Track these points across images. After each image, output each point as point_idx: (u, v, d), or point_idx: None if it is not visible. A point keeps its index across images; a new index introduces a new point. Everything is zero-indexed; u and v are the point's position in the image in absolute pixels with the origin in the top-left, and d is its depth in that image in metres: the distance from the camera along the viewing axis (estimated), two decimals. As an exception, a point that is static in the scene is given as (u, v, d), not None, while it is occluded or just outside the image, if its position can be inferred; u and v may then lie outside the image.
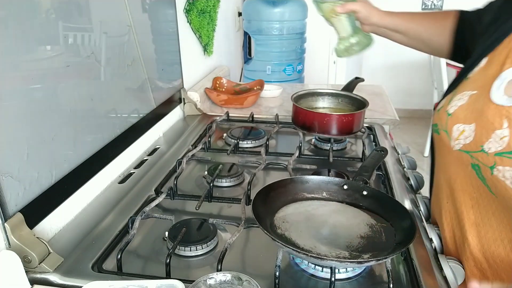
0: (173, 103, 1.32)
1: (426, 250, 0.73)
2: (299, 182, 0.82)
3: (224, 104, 1.48)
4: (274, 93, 1.61)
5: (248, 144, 1.16)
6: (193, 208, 0.83)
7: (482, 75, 0.68)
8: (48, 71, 0.74)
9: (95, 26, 0.87)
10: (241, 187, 0.95)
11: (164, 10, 1.22)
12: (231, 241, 0.70)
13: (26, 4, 0.68)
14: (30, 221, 0.68)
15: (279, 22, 2.03)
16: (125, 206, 0.85)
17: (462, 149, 0.66)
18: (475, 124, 0.64)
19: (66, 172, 0.79)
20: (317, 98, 1.25)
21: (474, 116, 0.65)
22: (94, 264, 0.68)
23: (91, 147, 0.87)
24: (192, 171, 1.03)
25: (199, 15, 1.49)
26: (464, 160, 0.66)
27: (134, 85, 1.06)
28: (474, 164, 0.64)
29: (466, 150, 0.65)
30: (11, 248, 0.64)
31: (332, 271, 0.62)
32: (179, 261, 0.71)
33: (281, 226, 0.72)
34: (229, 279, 0.56)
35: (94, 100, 0.88)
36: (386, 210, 0.76)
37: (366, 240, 0.70)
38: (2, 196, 0.63)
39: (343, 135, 1.13)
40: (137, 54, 1.05)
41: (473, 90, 0.68)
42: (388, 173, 0.99)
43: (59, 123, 0.77)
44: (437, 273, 0.68)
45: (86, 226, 0.79)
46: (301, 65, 2.17)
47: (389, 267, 0.63)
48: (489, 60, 0.68)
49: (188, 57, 1.43)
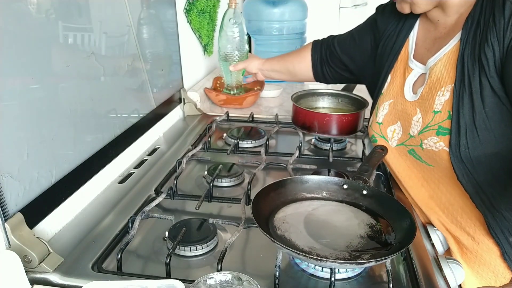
0: (173, 103, 1.32)
1: (426, 250, 0.73)
2: (299, 182, 0.82)
3: (223, 104, 1.48)
4: (274, 93, 1.61)
5: (248, 144, 1.16)
6: (193, 208, 0.83)
7: (392, 88, 0.89)
8: (48, 71, 0.74)
9: (95, 26, 0.87)
10: (241, 187, 0.95)
11: (164, 10, 1.22)
12: (231, 241, 0.70)
13: (26, 4, 0.68)
14: (30, 221, 0.68)
15: (279, 22, 2.03)
16: (125, 206, 0.85)
17: (398, 143, 0.87)
18: (399, 121, 0.86)
19: (66, 172, 0.79)
20: (317, 98, 1.25)
21: (397, 116, 0.87)
22: (94, 264, 0.68)
23: (91, 147, 0.87)
24: (192, 171, 1.03)
25: (199, 15, 1.49)
26: (402, 151, 0.86)
27: (134, 85, 1.06)
28: (410, 150, 0.84)
29: (400, 143, 0.86)
30: (11, 248, 0.64)
31: (332, 271, 0.62)
32: (179, 261, 0.71)
33: (281, 227, 0.72)
34: (229, 279, 0.56)
35: (94, 100, 0.87)
36: (386, 210, 0.76)
37: (366, 240, 0.70)
38: (2, 196, 0.63)
39: (343, 135, 1.13)
40: (137, 54, 1.05)
41: (390, 99, 0.90)
42: (388, 173, 0.99)
43: (59, 123, 0.77)
44: (437, 273, 0.68)
45: (86, 226, 0.79)
46: (301, 65, 2.16)
47: (389, 267, 0.64)
48: (392, 76, 0.90)
49: (188, 57, 1.43)
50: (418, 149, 0.81)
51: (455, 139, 0.73)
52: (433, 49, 0.82)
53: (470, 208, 0.77)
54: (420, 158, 0.82)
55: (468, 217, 0.79)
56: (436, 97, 0.77)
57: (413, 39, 0.87)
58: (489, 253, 0.77)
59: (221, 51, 1.39)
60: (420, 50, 0.86)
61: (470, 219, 0.78)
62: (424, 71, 0.83)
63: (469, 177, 0.74)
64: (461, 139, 0.72)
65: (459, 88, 0.73)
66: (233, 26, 1.35)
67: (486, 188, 0.73)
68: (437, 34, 0.82)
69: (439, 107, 0.76)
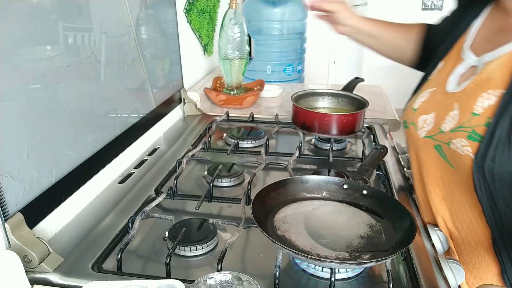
0: (173, 103, 1.32)
1: (426, 250, 0.73)
2: (299, 182, 0.82)
3: (223, 104, 1.48)
4: (274, 93, 1.61)
5: (248, 144, 1.16)
6: (193, 208, 0.83)
7: (439, 75, 0.82)
8: (48, 71, 0.74)
9: (95, 26, 0.87)
10: (241, 187, 0.95)
11: (164, 10, 1.22)
12: (231, 241, 0.70)
13: (26, 4, 0.68)
14: (30, 221, 0.68)
15: (279, 22, 2.03)
16: (125, 206, 0.85)
17: (426, 135, 0.80)
18: (434, 113, 0.79)
19: (66, 172, 0.79)
20: (317, 98, 1.25)
21: (434, 106, 0.80)
22: (94, 264, 0.68)
23: (91, 147, 0.87)
24: (192, 171, 1.03)
25: (199, 15, 1.49)
26: (428, 144, 0.79)
27: (134, 85, 1.06)
28: (436, 145, 0.77)
29: (429, 136, 0.79)
30: (11, 248, 0.64)
31: (332, 271, 0.62)
32: (179, 261, 0.71)
33: (281, 227, 0.72)
34: (229, 279, 0.56)
35: (94, 100, 0.87)
36: (386, 209, 0.76)
37: (366, 240, 0.70)
38: (2, 196, 0.63)
39: (343, 135, 1.13)
40: (137, 54, 1.05)
41: (432, 87, 0.82)
42: (388, 173, 0.99)
43: (59, 123, 0.77)
44: (437, 273, 0.68)
45: (86, 226, 0.79)
46: (301, 65, 2.16)
47: (389, 267, 0.64)
48: (445, 63, 0.83)
49: (188, 57, 1.43)
50: (445, 147, 0.75)
51: (483, 148, 0.67)
52: (494, 41, 0.74)
53: (479, 220, 0.73)
54: (445, 156, 0.76)
55: (475, 229, 0.75)
56: (480, 98, 0.70)
57: (476, 27, 0.80)
58: (486, 270, 0.75)
59: (222, 51, 1.39)
60: (479, 40, 0.78)
61: (476, 232, 0.75)
62: (475, 64, 0.75)
63: (486, 191, 0.69)
64: (489, 150, 0.67)
65: (509, 97, 0.66)
66: (234, 26, 1.36)
67: (500, 206, 0.69)
68: (506, 25, 0.74)
69: (479, 109, 0.69)
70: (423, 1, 3.84)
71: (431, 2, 3.83)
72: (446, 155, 0.75)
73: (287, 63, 2.10)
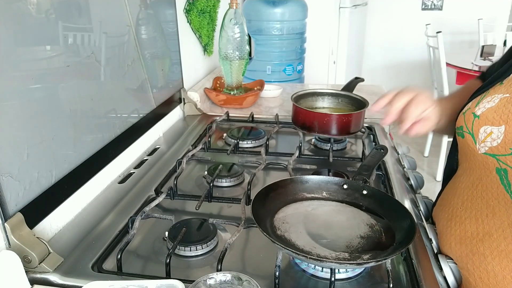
0: (173, 103, 1.32)
1: (426, 250, 0.73)
2: (299, 182, 0.82)
3: (223, 104, 1.48)
4: (274, 93, 1.61)
5: (248, 144, 1.16)
6: (193, 208, 0.83)
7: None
8: (48, 71, 0.74)
9: (95, 26, 0.87)
10: (241, 187, 0.95)
11: (164, 10, 1.22)
12: (231, 241, 0.70)
13: (26, 4, 0.68)
14: (30, 221, 0.68)
15: (279, 22, 2.03)
16: (125, 206, 0.85)
17: (488, 152, 0.63)
18: (505, 126, 0.61)
19: (66, 172, 0.79)
20: (317, 98, 1.25)
21: (505, 118, 0.62)
22: (94, 264, 0.68)
23: (91, 147, 0.87)
24: (192, 171, 1.03)
25: (199, 15, 1.49)
26: (489, 164, 0.63)
27: (134, 85, 1.06)
28: (500, 168, 0.61)
29: (492, 154, 0.63)
30: (11, 248, 0.64)
31: (332, 272, 0.62)
32: (179, 261, 0.71)
33: (281, 227, 0.72)
34: (229, 279, 0.56)
35: (94, 100, 0.87)
36: (386, 210, 0.76)
37: (366, 240, 0.70)
38: (2, 196, 0.63)
39: (343, 135, 1.13)
40: (137, 54, 1.05)
41: (506, 93, 0.65)
42: (388, 173, 0.99)
43: (59, 123, 0.77)
44: (437, 273, 0.68)
45: (86, 226, 0.79)
46: (301, 65, 2.17)
47: (389, 267, 0.64)
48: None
49: (188, 57, 1.43)
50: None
51: None
52: None
53: (508, 279, 0.61)
54: (508, 185, 0.60)
55: (498, 285, 0.62)
56: None
57: None
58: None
59: (222, 51, 1.40)
60: None
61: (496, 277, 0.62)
62: None
63: None
64: None
65: None
66: (234, 26, 1.36)
67: None
68: None
69: None
70: (423, 1, 3.84)
71: (431, 2, 3.83)
72: (511, 184, 0.60)
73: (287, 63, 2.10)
